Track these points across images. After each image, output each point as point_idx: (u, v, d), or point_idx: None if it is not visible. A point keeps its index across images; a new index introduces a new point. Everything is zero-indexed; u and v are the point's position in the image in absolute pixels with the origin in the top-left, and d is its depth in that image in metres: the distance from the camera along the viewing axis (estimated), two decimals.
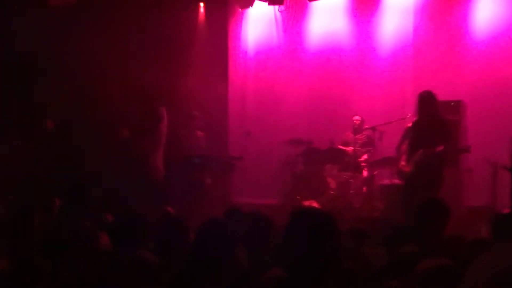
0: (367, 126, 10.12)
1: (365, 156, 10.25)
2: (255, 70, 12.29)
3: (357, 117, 10.51)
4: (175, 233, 4.49)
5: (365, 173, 10.14)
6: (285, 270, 2.85)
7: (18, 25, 9.43)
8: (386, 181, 9.74)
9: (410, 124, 8.19)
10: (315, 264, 2.73)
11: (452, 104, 9.56)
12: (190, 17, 11.97)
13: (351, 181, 10.11)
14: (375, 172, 10.12)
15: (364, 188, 10.02)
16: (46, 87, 9.95)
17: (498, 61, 10.08)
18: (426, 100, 7.93)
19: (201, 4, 12.06)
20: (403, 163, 8.12)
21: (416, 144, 7.94)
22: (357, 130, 10.45)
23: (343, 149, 10.39)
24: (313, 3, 11.35)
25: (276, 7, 11.74)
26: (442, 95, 9.50)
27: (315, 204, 9.79)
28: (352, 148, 10.28)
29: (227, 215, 5.27)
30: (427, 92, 8.08)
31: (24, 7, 9.47)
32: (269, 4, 11.50)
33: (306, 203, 9.85)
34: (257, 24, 12.22)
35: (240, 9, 12.04)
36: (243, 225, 4.63)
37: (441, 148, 7.69)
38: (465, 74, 10.35)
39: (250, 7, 11.76)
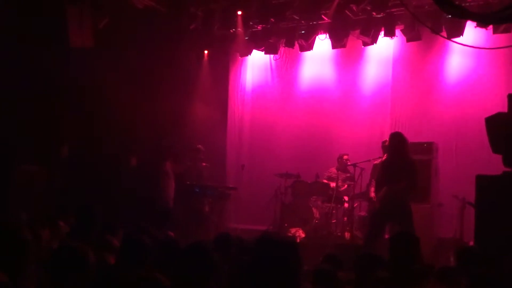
0: (349, 163, 9.99)
1: (346, 190, 10.10)
2: (252, 110, 12.39)
3: (346, 156, 10.30)
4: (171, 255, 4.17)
5: (346, 205, 9.98)
6: None
7: (44, 62, 9.26)
8: (364, 213, 9.65)
9: (376, 162, 7.91)
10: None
11: (425, 145, 9.26)
12: (196, 63, 12.06)
13: (334, 211, 9.98)
14: (355, 204, 9.94)
15: (345, 218, 9.89)
16: (65, 119, 9.85)
17: (466, 106, 10.11)
18: (397, 141, 7.58)
19: (206, 52, 12.17)
20: (372, 194, 7.90)
21: (382, 181, 7.56)
22: (342, 166, 10.28)
23: (327, 183, 10.30)
24: (304, 53, 11.43)
25: (272, 55, 11.88)
26: (417, 137, 9.46)
27: (300, 231, 9.80)
28: (335, 183, 10.13)
29: (217, 239, 5.15)
30: (398, 133, 7.94)
31: (49, 47, 9.32)
32: (265, 53, 11.61)
33: (293, 230, 9.81)
34: (255, 70, 12.40)
35: (240, 57, 12.17)
36: (229, 249, 4.62)
37: (403, 184, 7.27)
38: (437, 118, 10.38)
39: (249, 55, 11.90)
